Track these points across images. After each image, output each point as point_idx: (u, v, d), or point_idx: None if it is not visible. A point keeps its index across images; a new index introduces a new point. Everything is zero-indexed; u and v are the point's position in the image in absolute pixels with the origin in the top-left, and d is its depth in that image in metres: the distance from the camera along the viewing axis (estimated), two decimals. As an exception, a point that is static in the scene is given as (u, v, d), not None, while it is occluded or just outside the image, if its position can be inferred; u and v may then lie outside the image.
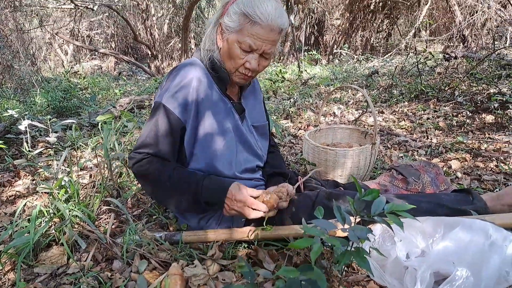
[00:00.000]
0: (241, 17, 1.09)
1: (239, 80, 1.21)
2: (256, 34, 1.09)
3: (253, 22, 1.07)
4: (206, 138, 1.18)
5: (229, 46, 1.13)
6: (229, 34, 1.12)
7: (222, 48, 1.16)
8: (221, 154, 1.21)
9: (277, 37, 1.13)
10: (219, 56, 1.18)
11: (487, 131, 2.57)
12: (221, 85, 1.22)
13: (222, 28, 1.14)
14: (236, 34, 1.11)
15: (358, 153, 1.68)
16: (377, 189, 0.87)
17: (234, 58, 1.14)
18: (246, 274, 0.84)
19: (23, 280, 1.09)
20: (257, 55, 1.14)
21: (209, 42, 1.19)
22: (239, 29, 1.10)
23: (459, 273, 0.84)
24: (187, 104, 1.14)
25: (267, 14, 1.06)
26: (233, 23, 1.10)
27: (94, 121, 3.10)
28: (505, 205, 1.20)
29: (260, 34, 1.09)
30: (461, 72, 4.46)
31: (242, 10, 1.08)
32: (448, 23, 8.80)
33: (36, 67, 7.56)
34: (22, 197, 1.73)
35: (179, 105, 1.13)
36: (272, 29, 1.09)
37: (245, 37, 1.09)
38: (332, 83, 4.91)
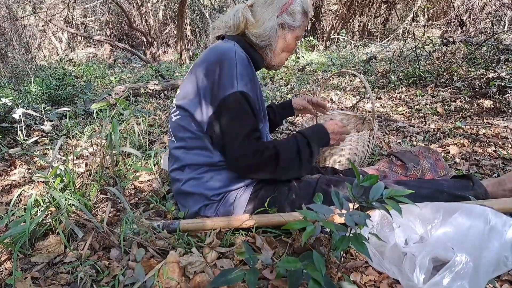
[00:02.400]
0: (303, 15, 1.24)
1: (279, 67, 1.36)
2: (305, 26, 1.27)
3: (307, 17, 1.25)
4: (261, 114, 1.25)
5: (289, 42, 1.27)
6: (288, 31, 1.25)
7: (278, 42, 1.26)
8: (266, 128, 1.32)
9: None
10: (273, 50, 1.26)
11: (485, 116, 2.56)
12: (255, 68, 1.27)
13: (283, 26, 1.23)
14: (296, 31, 1.25)
15: (356, 139, 1.66)
16: (375, 174, 0.86)
17: (290, 51, 1.31)
18: (247, 260, 0.84)
19: (20, 270, 1.08)
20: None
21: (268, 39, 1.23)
22: (299, 26, 1.25)
23: (458, 258, 0.84)
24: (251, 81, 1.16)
25: (311, 8, 1.26)
26: (297, 22, 1.24)
27: (90, 109, 3.07)
28: (506, 190, 1.20)
29: (306, 25, 1.28)
30: (459, 57, 4.42)
31: (303, 9, 1.23)
32: (446, 8, 8.70)
33: (30, 55, 7.46)
34: (18, 186, 1.71)
35: (248, 86, 1.14)
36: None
37: (302, 31, 1.27)
38: (329, 69, 4.86)
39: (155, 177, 1.73)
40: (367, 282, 0.97)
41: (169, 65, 6.27)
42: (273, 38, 1.23)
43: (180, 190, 1.28)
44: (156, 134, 2.50)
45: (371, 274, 1.00)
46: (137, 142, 1.92)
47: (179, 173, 1.27)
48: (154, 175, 1.74)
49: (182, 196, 1.29)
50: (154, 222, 1.23)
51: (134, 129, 2.00)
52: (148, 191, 1.62)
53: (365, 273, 1.01)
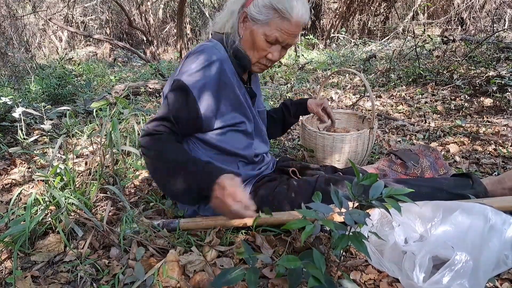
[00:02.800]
0: (271, 10, 1.09)
1: (258, 70, 1.23)
2: (285, 29, 1.10)
3: (283, 17, 1.09)
4: (226, 121, 1.17)
5: (254, 37, 1.13)
6: (254, 25, 1.12)
7: (243, 37, 1.16)
8: (239, 138, 1.21)
9: (300, 30, 1.15)
10: (241, 43, 1.17)
11: (485, 114, 2.56)
12: (239, 70, 1.20)
13: (246, 18, 1.13)
14: (263, 27, 1.11)
15: (356, 138, 1.66)
16: (375, 173, 0.86)
17: (257, 50, 1.15)
18: (247, 259, 0.84)
19: (20, 269, 1.08)
20: (280, 47, 1.16)
21: (231, 29, 1.17)
22: (266, 22, 1.10)
23: (458, 257, 0.84)
24: (206, 85, 1.10)
25: (297, 11, 1.08)
26: (262, 16, 1.10)
27: (89, 108, 3.06)
28: (506, 189, 1.20)
29: (288, 29, 1.10)
30: (460, 56, 4.41)
31: (272, 5, 1.08)
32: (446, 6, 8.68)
33: (30, 54, 7.45)
34: (18, 185, 1.72)
35: (197, 86, 1.09)
36: (298, 25, 1.11)
37: (273, 31, 1.11)
38: (329, 68, 4.86)
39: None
40: (367, 280, 0.98)
41: (169, 64, 6.26)
42: (236, 26, 1.15)
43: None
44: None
45: (371, 273, 1.00)
46: (136, 140, 1.91)
47: None
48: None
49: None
50: (154, 221, 1.23)
51: (134, 127, 2.00)
52: (147, 190, 1.62)
53: (365, 271, 1.01)
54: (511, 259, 0.87)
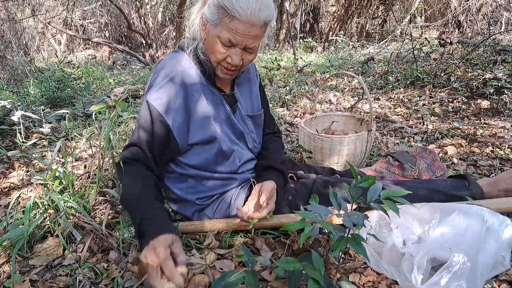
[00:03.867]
0: (219, 9, 1.01)
1: (223, 75, 1.13)
2: (235, 29, 1.00)
3: (231, 16, 0.99)
4: (197, 133, 1.13)
5: (210, 39, 1.07)
6: (209, 26, 1.05)
7: (205, 40, 1.10)
8: (214, 148, 1.17)
9: (260, 31, 1.04)
10: (204, 48, 1.12)
11: (482, 116, 2.57)
12: (208, 77, 1.15)
13: (203, 19, 1.07)
14: (215, 28, 1.04)
15: (354, 140, 1.67)
16: (373, 175, 0.86)
17: (215, 53, 1.07)
18: (246, 262, 0.84)
19: (18, 273, 1.08)
20: (239, 50, 1.06)
21: (193, 33, 1.13)
22: (218, 23, 1.02)
23: (456, 258, 0.85)
24: (171, 101, 1.08)
25: (246, 8, 0.98)
26: (212, 16, 1.03)
27: (88, 111, 3.06)
28: (501, 190, 1.21)
29: (240, 29, 1.00)
30: (457, 58, 4.44)
31: (219, 2, 1.00)
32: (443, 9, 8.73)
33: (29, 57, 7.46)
34: (16, 188, 1.71)
35: (162, 102, 1.07)
36: (252, 24, 1.00)
37: (224, 31, 1.02)
38: (327, 70, 4.87)
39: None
40: (365, 282, 0.98)
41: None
42: (197, 31, 1.11)
43: (170, 196, 1.29)
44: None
45: (370, 275, 1.00)
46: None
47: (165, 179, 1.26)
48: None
49: (174, 202, 1.29)
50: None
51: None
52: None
53: (363, 273, 1.01)
54: (508, 260, 0.87)
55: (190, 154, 1.17)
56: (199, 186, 1.22)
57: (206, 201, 1.24)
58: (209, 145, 1.16)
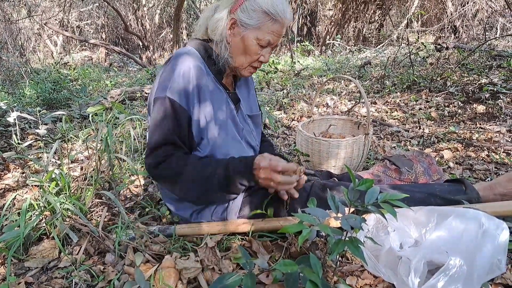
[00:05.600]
0: (261, 14, 1.09)
1: (248, 73, 1.22)
2: (276, 31, 1.12)
3: (274, 20, 1.10)
4: (207, 127, 1.16)
5: (246, 42, 1.13)
6: (244, 30, 1.12)
7: (232, 43, 1.15)
8: (220, 143, 1.19)
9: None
10: (228, 49, 1.15)
11: (478, 121, 2.59)
12: (217, 75, 1.19)
13: (235, 24, 1.12)
14: (254, 31, 1.11)
15: (352, 143, 1.68)
16: (371, 179, 0.87)
17: (250, 54, 1.15)
18: (244, 265, 0.84)
19: (13, 275, 1.07)
20: (270, 49, 1.17)
21: (218, 36, 1.15)
22: (258, 27, 1.11)
23: (452, 262, 0.85)
24: (189, 93, 1.11)
25: (284, 12, 1.10)
26: (252, 20, 1.10)
27: (85, 113, 3.05)
28: (497, 194, 1.21)
29: (278, 31, 1.13)
30: (453, 63, 4.47)
31: (262, 8, 1.09)
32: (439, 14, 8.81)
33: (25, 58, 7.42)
34: (12, 190, 1.70)
35: (183, 96, 1.10)
36: (285, 25, 1.14)
37: (265, 34, 1.11)
38: (325, 74, 4.89)
39: (150, 181, 1.73)
40: (363, 286, 0.98)
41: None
42: (224, 34, 1.14)
43: (167, 196, 1.28)
44: (151, 138, 2.49)
45: (367, 278, 1.00)
46: (132, 146, 1.91)
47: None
48: (149, 179, 1.74)
49: (171, 202, 1.29)
50: (150, 227, 1.23)
51: (130, 132, 2.00)
52: (143, 195, 1.61)
53: (360, 277, 1.01)
54: (504, 263, 0.88)
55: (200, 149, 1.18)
56: None
57: None
58: (215, 141, 1.18)
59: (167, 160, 1.10)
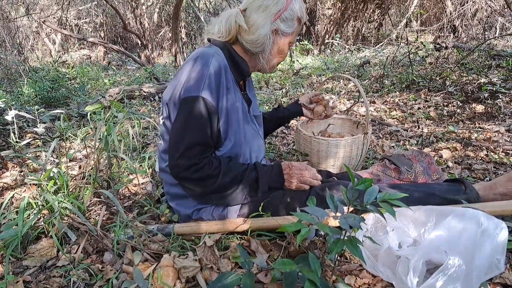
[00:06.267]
0: (296, 21, 1.22)
1: (271, 71, 1.33)
2: (298, 31, 1.27)
3: (301, 22, 1.24)
4: (230, 126, 1.19)
5: (282, 47, 1.25)
6: (281, 37, 1.22)
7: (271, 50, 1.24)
8: (240, 142, 1.23)
9: None
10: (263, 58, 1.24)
11: (477, 120, 2.59)
12: (237, 76, 1.23)
13: (277, 33, 1.21)
14: (289, 37, 1.24)
15: (351, 143, 1.68)
16: (370, 178, 0.86)
17: (283, 56, 1.29)
18: (243, 264, 0.84)
19: (11, 273, 1.07)
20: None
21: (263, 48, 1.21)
22: (292, 32, 1.23)
23: (451, 261, 0.85)
24: (219, 93, 1.13)
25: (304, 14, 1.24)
26: (290, 29, 1.22)
27: (83, 112, 3.04)
28: (497, 194, 1.22)
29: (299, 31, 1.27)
30: (452, 62, 4.47)
31: (297, 16, 1.21)
32: (439, 14, 8.82)
33: (23, 57, 7.40)
34: (10, 189, 1.70)
35: (215, 96, 1.11)
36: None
37: (295, 37, 1.26)
38: (324, 73, 4.89)
39: (149, 180, 1.72)
40: (361, 285, 0.98)
41: (164, 68, 6.25)
42: (267, 45, 1.20)
43: (170, 192, 1.28)
44: (150, 136, 2.49)
45: (365, 277, 1.00)
46: (131, 144, 1.91)
47: (167, 175, 1.24)
48: (148, 178, 1.73)
49: (173, 198, 1.29)
50: (149, 226, 1.23)
51: (129, 131, 1.99)
52: (142, 194, 1.61)
53: (359, 276, 1.01)
54: (502, 263, 0.88)
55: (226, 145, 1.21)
56: None
57: None
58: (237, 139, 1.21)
59: (200, 163, 1.11)
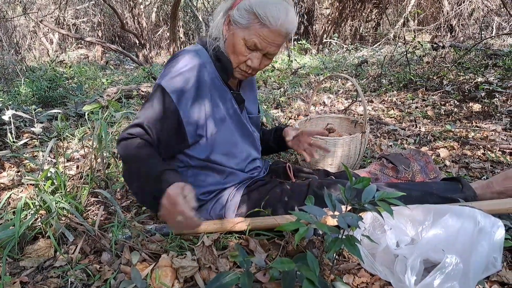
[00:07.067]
0: (251, 15, 1.07)
1: (239, 76, 1.20)
2: (263, 36, 1.08)
3: (262, 24, 1.07)
4: (206, 126, 1.16)
5: (235, 41, 1.11)
6: (236, 28, 1.11)
7: (227, 40, 1.14)
8: (222, 142, 1.20)
9: (283, 41, 1.13)
10: (225, 47, 1.16)
11: (474, 119, 2.60)
12: (223, 75, 1.19)
13: (230, 20, 1.12)
14: (243, 31, 1.09)
15: (348, 142, 1.68)
16: (368, 177, 0.87)
17: (237, 54, 1.13)
18: (241, 263, 0.84)
19: (8, 274, 1.06)
20: (260, 54, 1.13)
21: (216, 31, 1.16)
22: (247, 27, 1.09)
23: (448, 260, 0.85)
24: (186, 90, 1.11)
25: (277, 19, 1.06)
26: (242, 19, 1.09)
27: (81, 111, 3.03)
28: (494, 192, 1.22)
29: (268, 37, 1.08)
30: (449, 62, 4.49)
31: (253, 10, 1.06)
32: (436, 13, 8.84)
33: (20, 56, 7.37)
34: (7, 189, 1.69)
35: (176, 90, 1.10)
36: (279, 34, 1.09)
37: (252, 36, 1.09)
38: (322, 73, 4.89)
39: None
40: (359, 284, 0.98)
41: (162, 67, 6.24)
42: (220, 29, 1.14)
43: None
44: (148, 136, 2.48)
45: (364, 276, 1.00)
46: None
47: None
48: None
49: None
50: (146, 226, 1.22)
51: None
52: (140, 193, 1.60)
53: (357, 275, 1.01)
54: (499, 261, 0.88)
55: (198, 147, 1.19)
56: (199, 180, 1.23)
57: (205, 197, 1.24)
58: (216, 139, 1.18)
59: (129, 140, 1.08)
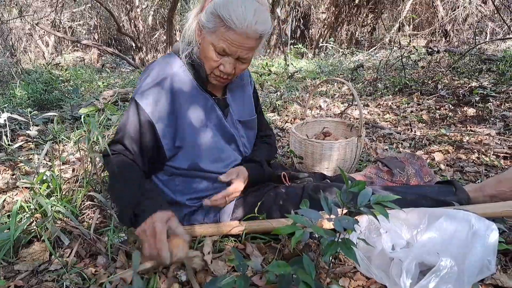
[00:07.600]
0: (216, 18, 1.01)
1: (215, 82, 1.15)
2: (230, 39, 1.02)
3: (227, 26, 1.00)
4: (186, 136, 1.14)
5: (205, 46, 1.07)
6: (205, 33, 1.06)
7: (200, 45, 1.11)
8: (203, 151, 1.17)
9: (255, 43, 1.06)
10: (198, 52, 1.13)
11: (468, 123, 2.62)
12: (200, 82, 1.16)
13: (199, 25, 1.08)
14: (211, 35, 1.04)
15: (344, 145, 1.69)
16: (363, 180, 0.87)
17: (208, 60, 1.09)
18: (238, 267, 0.84)
19: (3, 278, 1.06)
20: (232, 59, 1.08)
21: (188, 36, 1.13)
22: (213, 31, 1.03)
23: (443, 263, 0.86)
24: (159, 102, 1.10)
25: (243, 20, 0.99)
26: (209, 23, 1.03)
27: (77, 114, 3.02)
28: (486, 196, 1.23)
29: (235, 40, 1.02)
30: (444, 66, 4.52)
31: (217, 12, 1.00)
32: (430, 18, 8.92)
33: (16, 59, 7.33)
34: (2, 192, 1.68)
35: (150, 103, 1.10)
36: (248, 36, 1.01)
37: (219, 41, 1.03)
38: (318, 77, 4.92)
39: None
40: (355, 287, 0.98)
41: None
42: (192, 34, 1.11)
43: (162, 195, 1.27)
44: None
45: (359, 279, 1.01)
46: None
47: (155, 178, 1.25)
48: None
49: None
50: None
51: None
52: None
53: (353, 278, 1.02)
54: (493, 264, 0.89)
55: (179, 157, 1.17)
56: (189, 187, 1.22)
57: (197, 203, 1.23)
58: (198, 148, 1.16)
59: (112, 157, 1.10)
